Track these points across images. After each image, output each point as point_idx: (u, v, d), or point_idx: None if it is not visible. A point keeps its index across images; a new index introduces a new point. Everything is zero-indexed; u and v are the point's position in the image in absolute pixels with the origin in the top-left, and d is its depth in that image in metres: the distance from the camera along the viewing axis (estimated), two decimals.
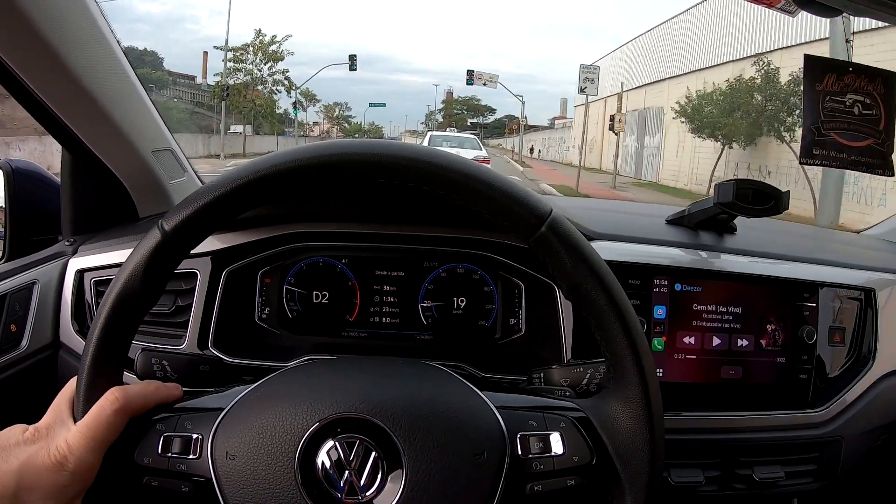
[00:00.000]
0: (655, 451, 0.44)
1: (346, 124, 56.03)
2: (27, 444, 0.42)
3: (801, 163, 0.82)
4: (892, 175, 0.74)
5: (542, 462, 0.44)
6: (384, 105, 51.25)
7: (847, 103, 0.78)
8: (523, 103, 31.20)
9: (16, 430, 0.43)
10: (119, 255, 0.75)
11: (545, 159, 32.77)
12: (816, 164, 0.84)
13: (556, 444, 0.44)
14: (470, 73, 26.71)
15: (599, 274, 0.44)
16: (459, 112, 68.11)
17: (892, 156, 0.76)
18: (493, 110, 71.60)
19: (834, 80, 0.83)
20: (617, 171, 17.14)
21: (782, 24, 11.55)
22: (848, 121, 0.79)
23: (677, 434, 0.71)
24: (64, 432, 0.43)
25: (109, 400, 0.43)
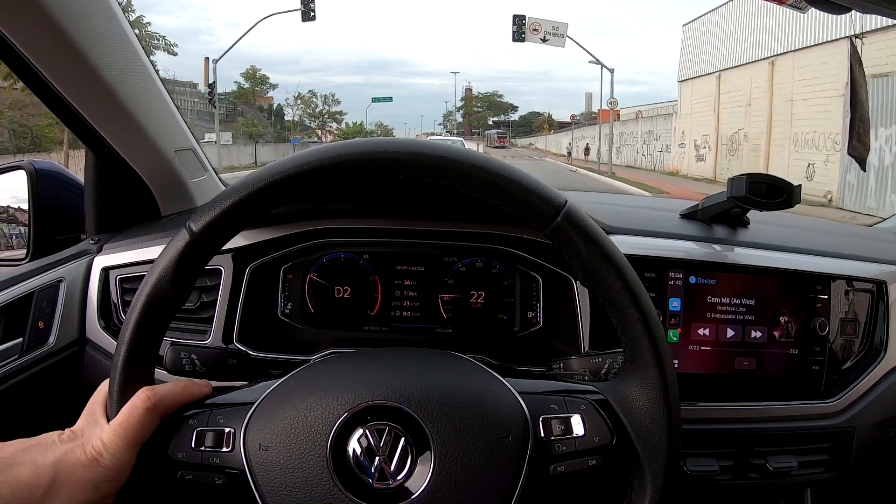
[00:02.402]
0: (673, 430, 0.45)
1: (333, 123, 41.75)
2: (63, 443, 0.44)
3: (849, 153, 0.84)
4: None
5: (564, 444, 0.45)
6: (390, 99, 43.00)
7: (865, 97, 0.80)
8: (612, 73, 17.50)
9: (53, 434, 0.45)
10: (143, 253, 0.77)
11: (614, 163, 19.31)
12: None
13: (578, 426, 0.45)
14: (520, 21, 16.27)
15: (615, 260, 0.45)
16: (480, 110, 63.14)
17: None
18: (515, 108, 65.59)
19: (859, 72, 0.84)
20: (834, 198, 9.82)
21: None
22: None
23: (693, 424, 0.73)
24: (98, 432, 0.44)
25: (141, 399, 0.44)
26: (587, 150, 26.39)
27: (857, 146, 0.78)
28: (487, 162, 0.45)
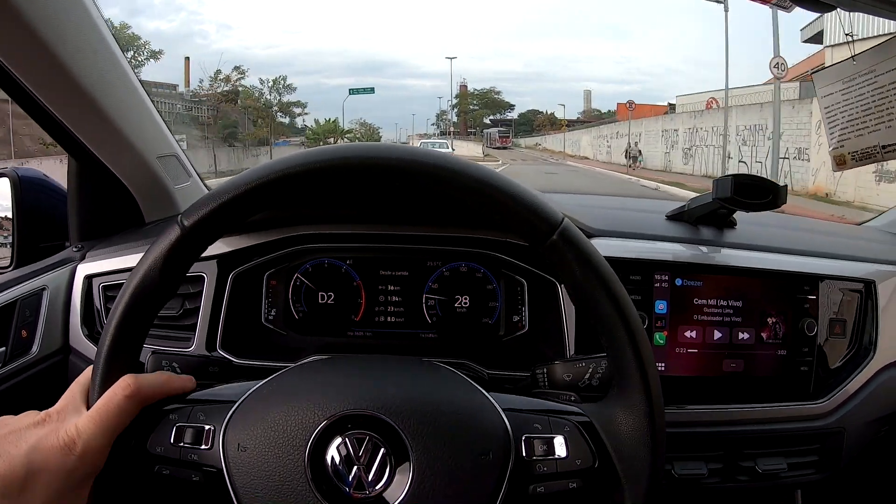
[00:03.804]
0: (656, 457, 0.45)
1: (283, 121, 31.61)
2: (37, 427, 0.43)
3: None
4: None
5: (545, 464, 0.44)
6: (372, 90, 35.56)
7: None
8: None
9: (29, 415, 0.44)
10: (126, 261, 0.77)
11: (684, 170, 15.43)
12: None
13: (560, 448, 0.45)
14: None
15: (609, 286, 0.45)
16: (476, 108, 58.67)
17: None
18: (512, 106, 60.91)
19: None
20: None
21: None
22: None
23: (680, 427, 0.72)
24: (75, 417, 0.43)
25: (121, 386, 0.44)
26: (628, 154, 20.52)
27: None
28: (483, 172, 0.45)
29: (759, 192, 0.74)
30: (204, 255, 0.76)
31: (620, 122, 24.65)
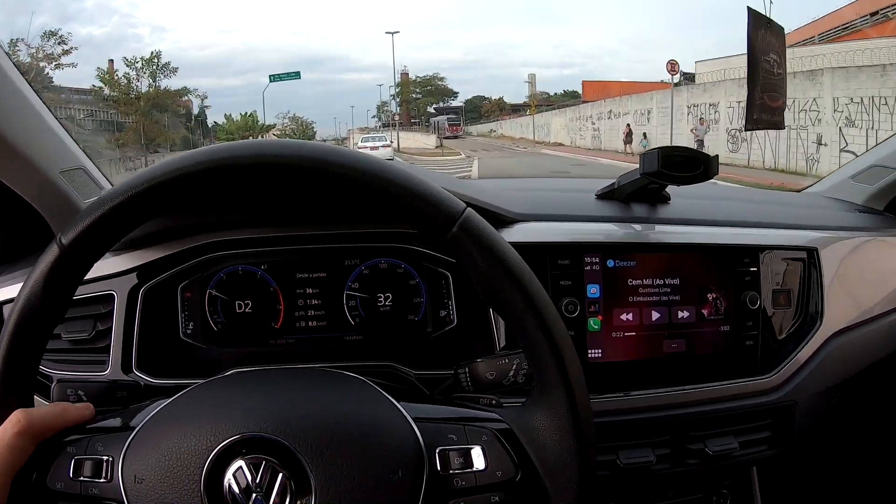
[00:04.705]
0: (584, 462, 0.42)
1: (156, 114, 22.82)
2: None
3: (746, 129, 0.80)
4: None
5: (463, 478, 0.42)
6: (298, 75, 29.47)
7: (770, 62, 0.76)
8: None
9: None
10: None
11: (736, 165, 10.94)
12: (760, 129, 0.82)
13: (478, 459, 0.42)
14: None
15: (517, 278, 0.42)
16: (418, 96, 55.18)
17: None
18: (455, 93, 57.16)
19: (763, 37, 0.81)
20: None
21: None
22: (773, 82, 0.77)
23: (623, 415, 0.70)
24: None
25: (12, 422, 0.41)
26: (629, 137, 16.75)
27: (762, 118, 0.75)
28: (371, 163, 0.42)
29: (689, 165, 0.71)
30: (112, 271, 0.73)
31: (614, 100, 19.81)
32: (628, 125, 17.43)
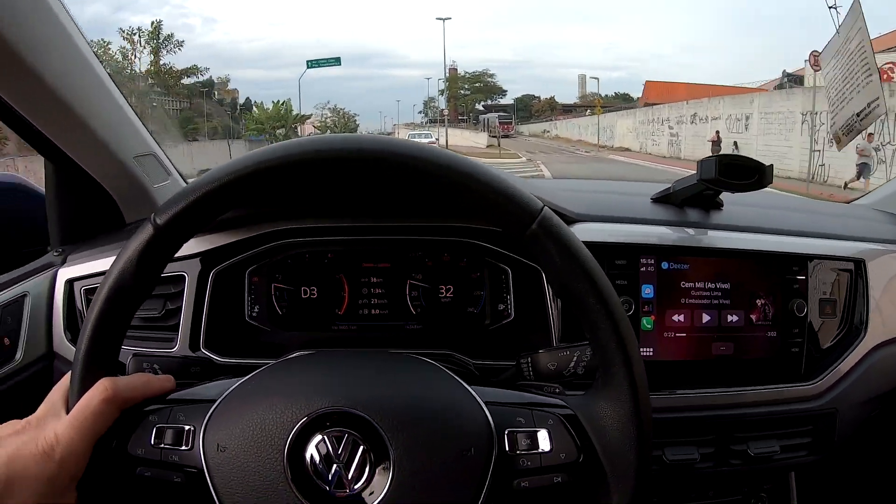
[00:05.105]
0: (643, 452, 0.44)
1: (163, 99, 20.40)
2: (17, 436, 0.43)
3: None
4: None
5: (529, 459, 0.44)
6: (338, 62, 28.53)
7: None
8: None
9: (9, 424, 0.44)
10: (107, 263, 0.75)
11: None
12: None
13: (544, 441, 0.44)
14: None
15: (591, 275, 0.44)
16: (467, 92, 53.91)
17: None
18: (504, 91, 55.79)
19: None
20: None
21: None
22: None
23: (671, 412, 0.72)
24: (54, 423, 0.43)
25: (99, 390, 0.43)
26: (717, 146, 14.31)
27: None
28: (457, 161, 0.44)
29: (745, 173, 0.72)
30: (184, 253, 0.76)
31: (701, 101, 17.16)
32: (717, 132, 15.35)
